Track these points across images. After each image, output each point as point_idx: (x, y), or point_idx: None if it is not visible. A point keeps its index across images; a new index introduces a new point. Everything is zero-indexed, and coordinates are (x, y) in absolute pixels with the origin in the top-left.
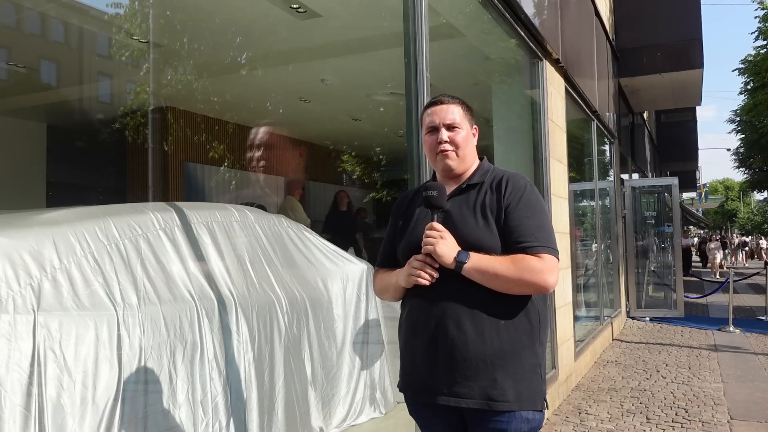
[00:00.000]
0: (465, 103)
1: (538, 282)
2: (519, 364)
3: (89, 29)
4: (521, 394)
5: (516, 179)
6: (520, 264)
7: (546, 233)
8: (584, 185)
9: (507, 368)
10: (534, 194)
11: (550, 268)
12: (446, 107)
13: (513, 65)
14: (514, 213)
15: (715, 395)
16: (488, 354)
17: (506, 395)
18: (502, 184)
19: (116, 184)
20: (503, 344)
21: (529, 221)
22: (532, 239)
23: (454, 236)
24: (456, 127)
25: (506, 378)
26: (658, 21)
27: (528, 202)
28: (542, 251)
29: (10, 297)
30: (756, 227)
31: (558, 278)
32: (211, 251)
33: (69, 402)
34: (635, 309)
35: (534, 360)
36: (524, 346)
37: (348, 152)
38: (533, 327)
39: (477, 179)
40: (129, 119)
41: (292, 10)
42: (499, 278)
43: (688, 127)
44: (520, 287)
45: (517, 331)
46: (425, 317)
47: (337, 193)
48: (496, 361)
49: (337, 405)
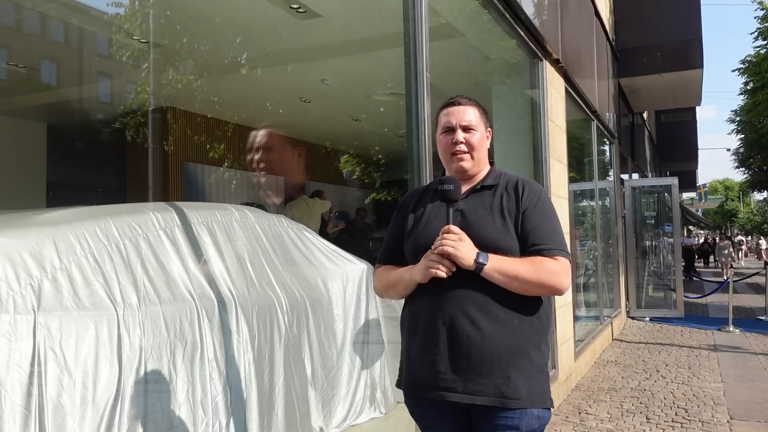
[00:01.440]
0: (481, 105)
1: (554, 284)
2: (529, 362)
3: (89, 29)
4: (532, 392)
5: (531, 184)
6: (539, 266)
7: (559, 237)
8: (584, 185)
9: (519, 366)
10: (548, 199)
11: (565, 270)
12: (463, 108)
13: (513, 65)
14: (531, 216)
15: (715, 395)
16: (503, 351)
17: (519, 393)
18: (519, 188)
19: (116, 184)
20: (516, 342)
21: (545, 225)
22: (548, 242)
23: (473, 237)
24: (472, 128)
25: (519, 376)
26: (658, 21)
27: (543, 207)
28: (557, 254)
29: (10, 297)
30: (756, 227)
31: (570, 281)
32: (211, 251)
33: (69, 402)
34: (635, 309)
35: (541, 359)
36: (533, 345)
37: (348, 152)
38: (543, 327)
39: (491, 181)
40: (129, 119)
41: (292, 10)
42: (519, 280)
43: (688, 127)
44: (536, 289)
45: (529, 330)
46: (436, 314)
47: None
48: (510, 358)
49: (337, 405)
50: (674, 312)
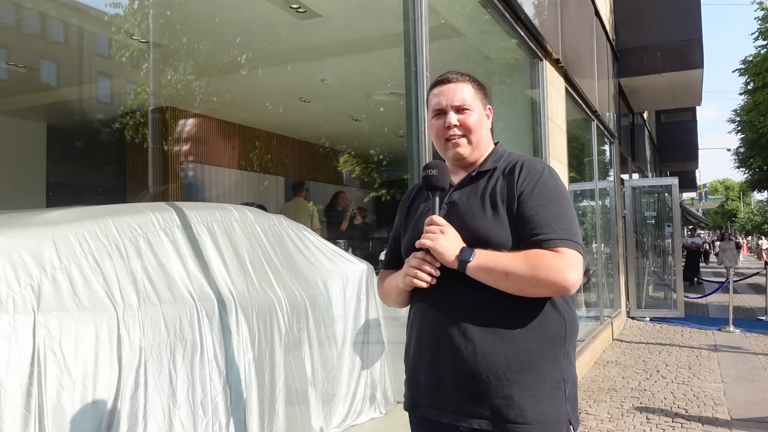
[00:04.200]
0: (476, 80)
1: (556, 281)
2: (540, 378)
3: (89, 29)
4: (543, 414)
5: (532, 163)
6: (534, 260)
7: (566, 223)
8: (584, 185)
9: (524, 383)
10: (553, 179)
11: (570, 264)
12: (454, 86)
13: (513, 65)
14: (529, 201)
15: (715, 395)
16: (501, 366)
17: (525, 415)
18: (515, 170)
19: (116, 184)
20: (520, 355)
21: (546, 210)
22: (549, 231)
23: (461, 230)
24: (466, 108)
25: (525, 396)
26: (658, 21)
27: (545, 188)
28: (560, 245)
29: (10, 297)
30: (756, 227)
31: (581, 276)
32: (211, 251)
33: (69, 402)
34: (635, 309)
35: (557, 374)
36: (547, 357)
37: (348, 152)
38: (557, 335)
39: (489, 165)
40: (129, 119)
41: (292, 10)
42: (510, 278)
43: (688, 127)
44: (535, 288)
45: (537, 340)
46: (428, 325)
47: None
48: (511, 375)
49: (337, 405)
50: (674, 312)
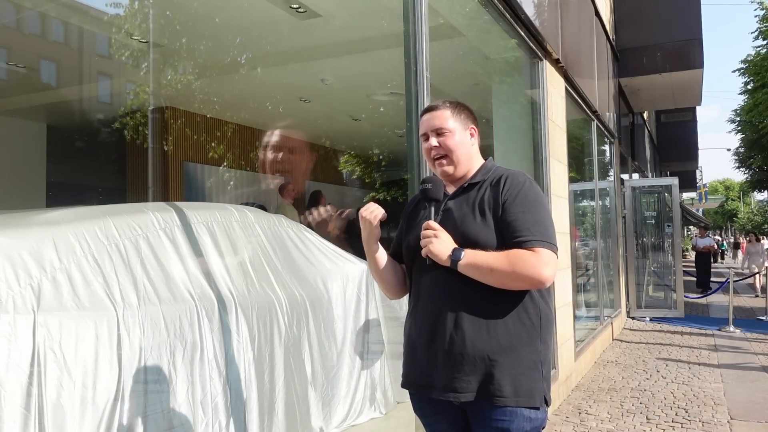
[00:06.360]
0: (460, 105)
1: (533, 275)
2: (517, 359)
3: (89, 29)
4: (519, 390)
5: (515, 176)
6: (514, 258)
7: (542, 227)
8: (584, 185)
9: (504, 364)
10: (533, 190)
11: (544, 261)
12: (434, 114)
13: (513, 65)
14: (511, 208)
15: (715, 395)
16: (486, 350)
17: (503, 390)
18: (501, 182)
19: (116, 184)
20: (501, 341)
21: (525, 216)
22: (528, 233)
23: (454, 234)
24: (444, 131)
25: (504, 374)
26: (658, 21)
27: (525, 198)
28: (537, 245)
29: (10, 297)
30: (756, 227)
31: (555, 272)
32: (211, 251)
33: (69, 402)
34: (635, 309)
35: (534, 356)
36: (523, 342)
37: (348, 152)
38: (533, 324)
39: (479, 178)
40: (129, 119)
41: (292, 10)
42: (494, 273)
43: (688, 127)
44: (515, 282)
45: (516, 328)
46: (425, 314)
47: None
48: (494, 356)
49: (337, 405)
50: (674, 312)
